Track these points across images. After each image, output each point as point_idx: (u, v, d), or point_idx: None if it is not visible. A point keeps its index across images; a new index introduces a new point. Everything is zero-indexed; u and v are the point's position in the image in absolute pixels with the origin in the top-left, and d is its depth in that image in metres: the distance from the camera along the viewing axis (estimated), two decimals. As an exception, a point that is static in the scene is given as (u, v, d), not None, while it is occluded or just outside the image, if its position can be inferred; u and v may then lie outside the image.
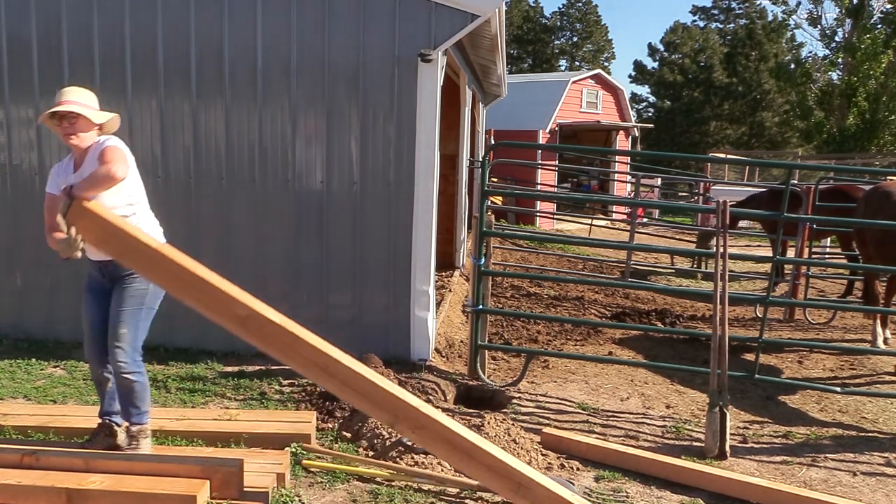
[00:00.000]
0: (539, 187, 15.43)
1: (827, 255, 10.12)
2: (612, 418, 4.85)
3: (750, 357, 5.87)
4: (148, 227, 3.62)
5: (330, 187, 5.57)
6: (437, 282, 6.62)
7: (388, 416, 2.80)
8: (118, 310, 3.57)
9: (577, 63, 50.00)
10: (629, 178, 16.43)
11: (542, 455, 4.05)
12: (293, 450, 3.86)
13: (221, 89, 5.56)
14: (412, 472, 3.72)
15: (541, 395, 5.25)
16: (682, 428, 4.70)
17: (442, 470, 3.78)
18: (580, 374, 5.79)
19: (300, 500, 3.45)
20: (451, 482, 3.66)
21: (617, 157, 18.19)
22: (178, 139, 5.67)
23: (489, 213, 5.85)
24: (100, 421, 3.69)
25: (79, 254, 3.08)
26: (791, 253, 8.64)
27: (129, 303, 3.59)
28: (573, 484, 3.70)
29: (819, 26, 27.76)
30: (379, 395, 2.78)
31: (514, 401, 5.06)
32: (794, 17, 29.31)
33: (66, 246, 3.04)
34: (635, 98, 46.88)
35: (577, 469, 3.98)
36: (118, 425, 3.66)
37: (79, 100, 3.50)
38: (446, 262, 9.32)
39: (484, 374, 5.45)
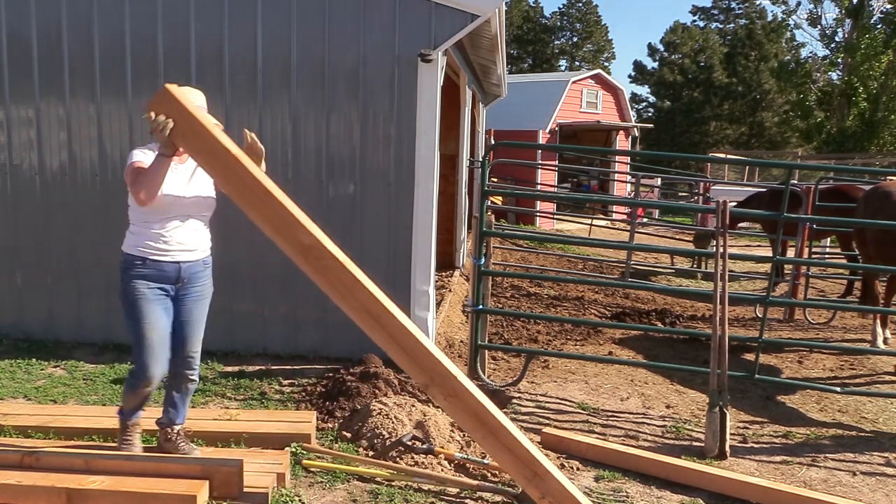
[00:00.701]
0: (539, 187, 15.44)
1: (827, 255, 10.12)
2: (612, 418, 4.85)
3: (750, 357, 5.87)
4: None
5: (330, 187, 5.57)
6: (437, 282, 6.61)
7: (424, 377, 2.83)
8: (201, 317, 3.54)
9: (577, 63, 50.01)
10: (629, 178, 16.43)
11: (543, 455, 4.05)
12: (293, 450, 3.86)
13: (221, 89, 5.56)
14: (412, 472, 3.72)
15: (541, 394, 5.26)
16: (682, 428, 4.70)
17: (442, 470, 3.78)
18: (580, 374, 5.79)
19: (300, 500, 3.45)
20: (451, 482, 3.67)
21: (617, 157, 18.19)
22: (178, 139, 5.67)
23: (489, 213, 5.85)
24: (163, 430, 3.63)
25: (167, 131, 2.97)
26: (791, 253, 8.64)
27: (206, 309, 3.56)
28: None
29: (819, 26, 27.78)
30: (421, 355, 2.81)
31: (514, 401, 5.06)
32: (794, 17, 29.34)
33: (155, 128, 2.99)
34: (635, 98, 46.90)
35: (577, 469, 3.98)
36: (175, 430, 3.63)
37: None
38: (446, 262, 9.32)
39: (484, 374, 5.45)
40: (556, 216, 15.38)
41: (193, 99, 3.37)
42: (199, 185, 3.47)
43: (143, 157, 3.33)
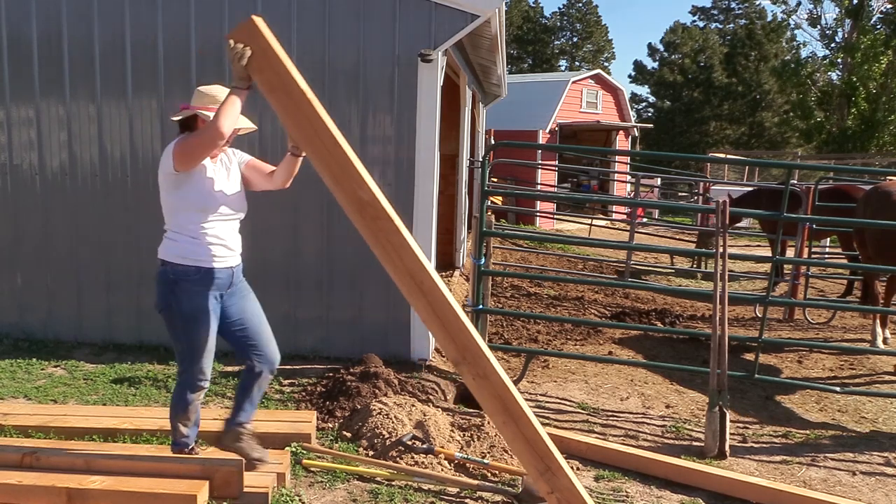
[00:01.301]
0: (539, 187, 15.44)
1: (827, 255, 10.12)
2: (611, 418, 4.85)
3: (750, 357, 5.87)
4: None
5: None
6: (437, 282, 6.61)
7: (456, 352, 2.84)
8: (258, 308, 3.50)
9: (577, 63, 50.03)
10: (629, 178, 16.44)
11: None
12: (293, 449, 3.86)
13: (221, 89, 5.55)
14: (412, 471, 3.73)
15: (541, 394, 5.26)
16: (681, 428, 4.70)
17: (442, 470, 3.79)
18: (580, 374, 5.79)
19: (300, 500, 3.45)
20: (451, 482, 3.67)
21: (617, 157, 18.19)
22: (178, 139, 5.67)
23: (489, 213, 5.85)
24: (237, 429, 3.41)
25: (244, 61, 2.88)
26: (791, 253, 8.64)
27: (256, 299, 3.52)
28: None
29: (819, 26, 27.79)
30: (456, 329, 2.81)
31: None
32: (794, 17, 29.35)
33: (234, 56, 2.88)
34: (635, 98, 46.90)
35: (577, 468, 3.98)
36: (248, 428, 3.46)
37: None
38: (446, 262, 9.32)
39: (484, 373, 5.44)
40: (555, 216, 15.37)
41: (217, 94, 3.30)
42: (236, 182, 3.37)
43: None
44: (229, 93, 3.00)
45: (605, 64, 50.61)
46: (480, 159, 8.65)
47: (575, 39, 51.26)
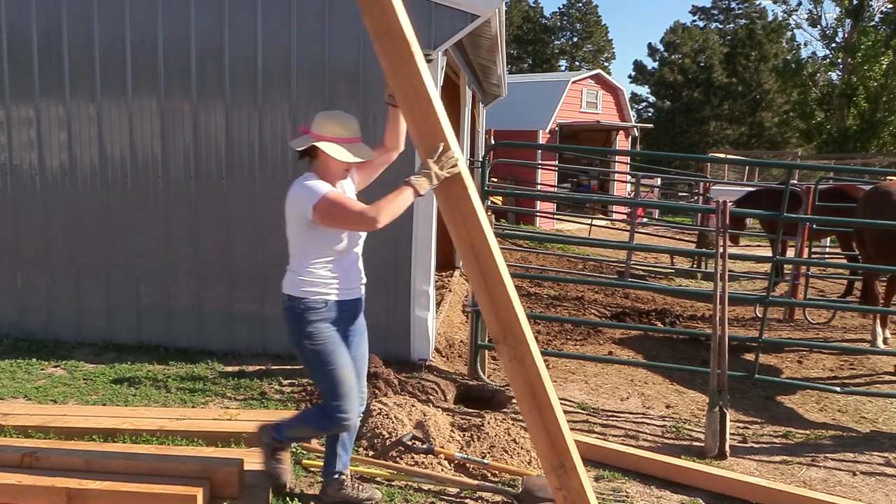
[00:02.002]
0: (539, 187, 15.44)
1: (827, 255, 10.12)
2: (611, 418, 4.85)
3: (750, 357, 5.87)
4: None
5: (330, 187, 5.56)
6: (437, 282, 6.62)
7: (499, 331, 2.84)
8: (367, 351, 3.36)
9: (577, 63, 50.02)
10: (629, 178, 16.44)
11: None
12: (293, 449, 3.86)
13: (221, 89, 5.56)
14: (412, 471, 3.72)
15: (541, 394, 5.25)
16: (681, 428, 4.70)
17: (442, 470, 3.79)
18: (580, 374, 5.79)
19: (300, 500, 3.45)
20: (451, 482, 3.67)
21: (617, 157, 18.19)
22: (178, 139, 5.68)
23: (489, 213, 5.85)
24: (338, 478, 3.30)
25: (455, 168, 2.81)
26: (791, 253, 8.64)
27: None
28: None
29: (819, 26, 27.80)
30: (504, 306, 2.81)
31: (514, 400, 5.06)
32: (794, 16, 29.36)
33: (443, 163, 2.78)
34: (635, 98, 46.90)
35: (577, 469, 3.98)
36: (347, 474, 3.35)
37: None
38: (446, 262, 9.32)
39: (484, 373, 5.45)
40: (555, 216, 15.38)
41: (349, 124, 3.17)
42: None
43: (328, 186, 2.97)
44: (408, 187, 2.84)
45: (605, 64, 50.62)
46: (480, 159, 8.65)
47: (575, 39, 51.26)
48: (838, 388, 5.04)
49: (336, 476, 3.29)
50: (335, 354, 3.03)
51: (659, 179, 15.50)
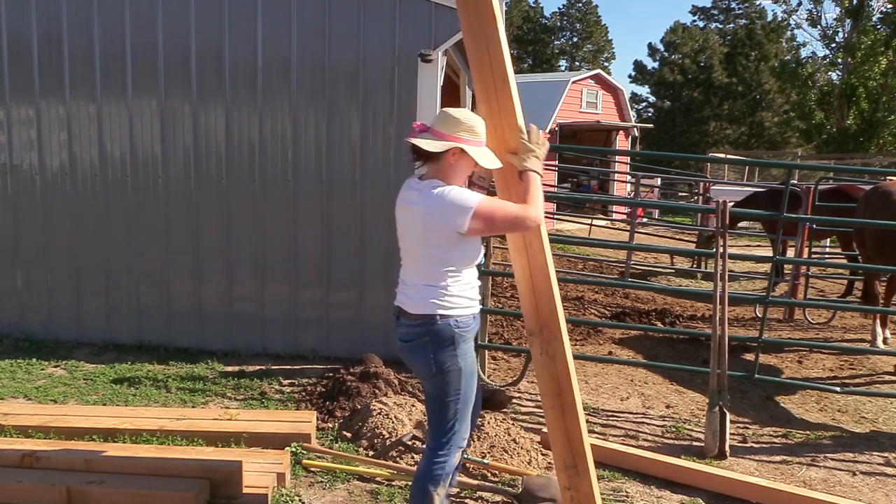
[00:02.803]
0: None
1: (827, 255, 10.12)
2: (611, 418, 4.85)
3: (750, 357, 5.87)
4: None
5: (330, 187, 5.57)
6: (437, 282, 6.61)
7: (535, 324, 2.85)
8: None
9: (577, 63, 50.03)
10: (629, 178, 16.43)
11: (542, 455, 4.06)
12: (293, 449, 3.86)
13: (221, 89, 5.56)
14: (412, 471, 3.72)
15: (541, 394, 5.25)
16: (681, 428, 4.70)
17: (442, 470, 3.78)
18: (580, 374, 5.79)
19: (300, 500, 3.45)
20: (451, 482, 3.67)
21: (617, 157, 18.19)
22: (178, 139, 5.68)
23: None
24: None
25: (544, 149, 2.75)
26: (791, 253, 8.64)
27: None
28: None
29: (819, 26, 27.81)
30: (546, 300, 2.82)
31: (514, 400, 5.07)
32: (794, 17, 29.37)
33: (538, 141, 2.74)
34: (635, 98, 46.91)
35: (577, 469, 3.98)
36: None
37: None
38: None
39: (484, 373, 5.45)
40: (555, 216, 15.37)
41: (482, 126, 2.82)
42: None
43: (474, 193, 2.74)
44: (534, 173, 2.73)
45: (605, 64, 50.64)
46: (480, 159, 8.63)
47: (575, 39, 51.28)
48: (838, 388, 5.04)
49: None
50: (474, 374, 2.84)
51: (659, 179, 15.49)
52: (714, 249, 4.60)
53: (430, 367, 2.74)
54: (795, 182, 10.51)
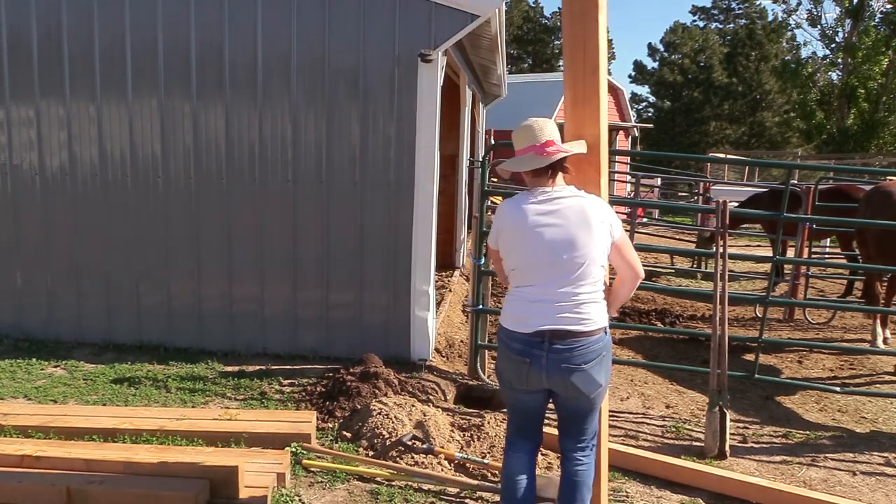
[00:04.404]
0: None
1: (827, 255, 10.11)
2: (611, 418, 4.85)
3: (750, 357, 5.87)
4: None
5: (330, 187, 5.57)
6: (437, 282, 6.62)
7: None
8: None
9: (577, 63, 49.90)
10: (629, 178, 16.42)
11: (542, 455, 4.06)
12: (293, 449, 3.86)
13: (221, 89, 5.56)
14: (412, 471, 3.72)
15: (541, 394, 5.25)
16: (681, 428, 4.70)
17: (442, 470, 3.79)
18: (580, 374, 5.78)
19: (300, 500, 3.45)
20: (451, 482, 3.67)
21: (617, 157, 18.18)
22: (178, 139, 5.68)
23: (489, 213, 5.85)
24: None
25: None
26: (791, 253, 8.64)
27: None
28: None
29: (819, 26, 27.80)
30: None
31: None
32: (794, 16, 29.37)
33: None
34: (635, 98, 46.87)
35: (577, 469, 3.97)
36: None
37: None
38: (446, 262, 9.32)
39: (484, 373, 5.45)
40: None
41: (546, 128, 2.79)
42: None
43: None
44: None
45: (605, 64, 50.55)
46: (480, 159, 8.65)
47: (575, 39, 51.17)
48: (838, 388, 5.04)
49: None
50: None
51: (659, 179, 15.49)
52: (714, 249, 4.60)
53: (598, 381, 2.71)
54: (795, 182, 10.51)
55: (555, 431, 4.34)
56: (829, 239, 10.47)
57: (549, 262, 2.67)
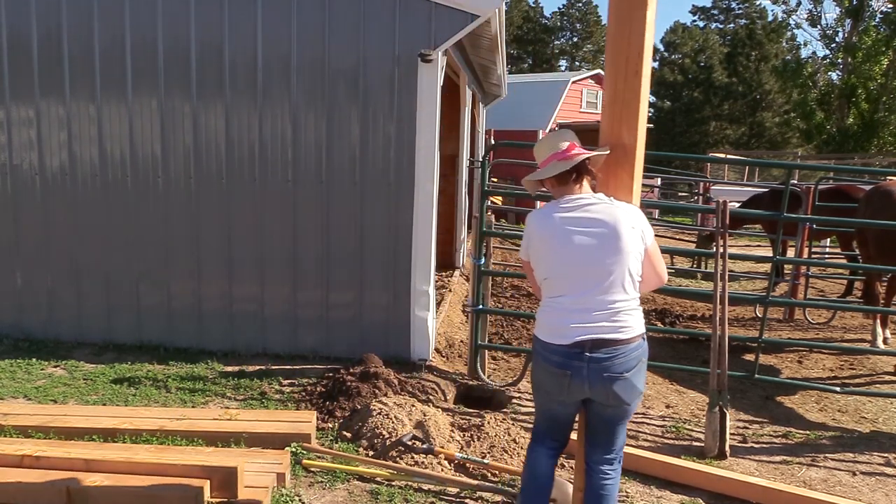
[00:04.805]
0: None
1: (827, 255, 10.11)
2: (611, 418, 4.84)
3: (750, 357, 5.87)
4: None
5: (330, 187, 5.57)
6: (437, 282, 6.62)
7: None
8: None
9: (577, 63, 50.02)
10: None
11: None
12: (293, 449, 3.86)
13: (221, 89, 5.56)
14: (412, 471, 3.72)
15: (541, 394, 5.25)
16: (682, 428, 4.70)
17: (442, 470, 3.78)
18: (580, 374, 5.78)
19: (300, 500, 3.45)
20: (451, 482, 3.67)
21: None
22: (178, 139, 5.68)
23: (489, 213, 5.84)
24: None
25: None
26: (791, 253, 8.64)
27: None
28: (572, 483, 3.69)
29: (819, 26, 27.81)
30: None
31: (514, 400, 5.06)
32: (794, 16, 29.38)
33: None
34: (635, 98, 46.83)
35: (577, 469, 3.98)
36: None
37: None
38: (446, 262, 9.32)
39: (484, 373, 5.45)
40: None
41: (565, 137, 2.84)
42: None
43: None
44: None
45: (606, 64, 50.53)
46: (480, 159, 8.65)
47: (575, 39, 51.26)
48: (838, 388, 5.04)
49: None
50: None
51: (659, 179, 15.48)
52: (714, 249, 4.60)
53: (636, 389, 2.70)
54: (796, 182, 10.51)
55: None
56: (829, 239, 10.47)
57: (581, 271, 2.64)
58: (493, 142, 15.24)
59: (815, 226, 7.90)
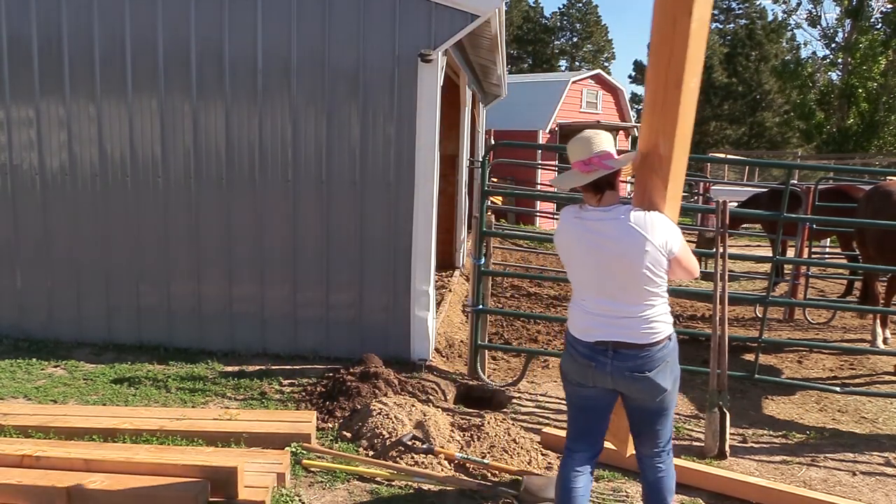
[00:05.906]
0: (539, 187, 15.43)
1: (827, 255, 10.11)
2: (611, 418, 4.85)
3: (750, 357, 5.87)
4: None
5: (330, 187, 5.57)
6: (437, 282, 6.62)
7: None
8: None
9: (577, 63, 50.02)
10: (629, 178, 16.41)
11: (542, 455, 4.06)
12: (293, 449, 3.86)
13: (221, 89, 5.56)
14: (412, 471, 3.72)
15: (541, 394, 5.26)
16: (682, 428, 4.70)
17: (442, 470, 3.78)
18: (580, 374, 5.78)
19: (300, 500, 3.45)
20: (451, 482, 3.67)
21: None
22: (178, 139, 5.68)
23: (489, 213, 5.85)
24: None
25: None
26: (791, 253, 8.63)
27: None
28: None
29: (819, 26, 27.82)
30: None
31: (514, 400, 5.06)
32: (794, 17, 29.39)
33: None
34: (635, 98, 46.81)
35: (577, 469, 3.97)
36: None
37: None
38: (446, 262, 9.32)
39: (484, 373, 5.45)
40: (556, 216, 15.36)
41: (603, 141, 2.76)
42: None
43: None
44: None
45: (605, 64, 50.61)
46: (480, 159, 8.65)
47: (575, 39, 51.25)
48: (838, 388, 5.04)
49: None
50: None
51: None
52: (714, 249, 4.60)
53: (672, 383, 2.77)
54: (795, 182, 10.51)
55: (555, 431, 4.35)
56: (829, 239, 10.46)
57: (598, 281, 2.70)
58: (493, 142, 15.28)
59: (814, 226, 7.90)
